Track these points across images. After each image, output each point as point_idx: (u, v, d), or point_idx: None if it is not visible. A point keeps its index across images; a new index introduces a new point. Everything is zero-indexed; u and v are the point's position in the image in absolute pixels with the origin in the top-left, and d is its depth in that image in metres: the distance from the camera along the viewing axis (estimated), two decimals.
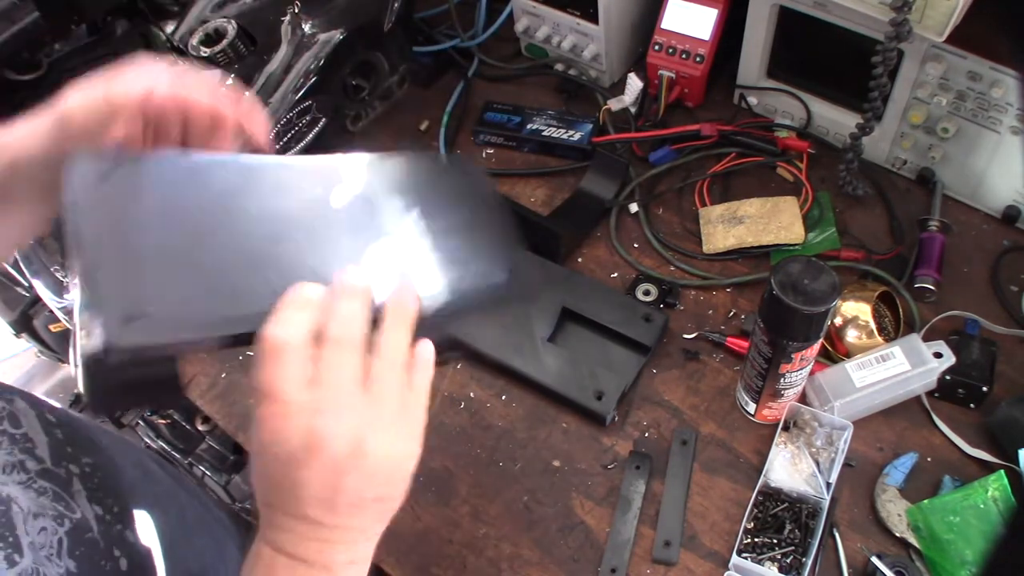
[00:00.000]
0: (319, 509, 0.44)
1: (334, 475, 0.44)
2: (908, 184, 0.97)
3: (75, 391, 1.81)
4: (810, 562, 0.72)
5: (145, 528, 0.60)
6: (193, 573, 0.65)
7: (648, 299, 0.90)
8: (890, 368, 0.78)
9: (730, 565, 0.73)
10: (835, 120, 0.98)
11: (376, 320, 0.46)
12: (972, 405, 0.80)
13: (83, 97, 0.52)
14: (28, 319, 1.39)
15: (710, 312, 0.90)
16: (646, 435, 0.83)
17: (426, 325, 0.48)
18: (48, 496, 0.53)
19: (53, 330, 1.48)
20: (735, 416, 0.83)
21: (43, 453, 0.55)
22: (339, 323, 0.44)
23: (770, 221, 0.92)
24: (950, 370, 0.78)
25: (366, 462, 0.44)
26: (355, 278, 0.45)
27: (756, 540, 0.74)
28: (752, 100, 1.04)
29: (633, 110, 1.03)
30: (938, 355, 0.77)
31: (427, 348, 0.48)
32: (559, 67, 1.13)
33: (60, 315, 0.91)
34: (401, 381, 0.46)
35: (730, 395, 0.84)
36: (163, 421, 1.35)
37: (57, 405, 0.62)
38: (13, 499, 0.50)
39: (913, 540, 0.73)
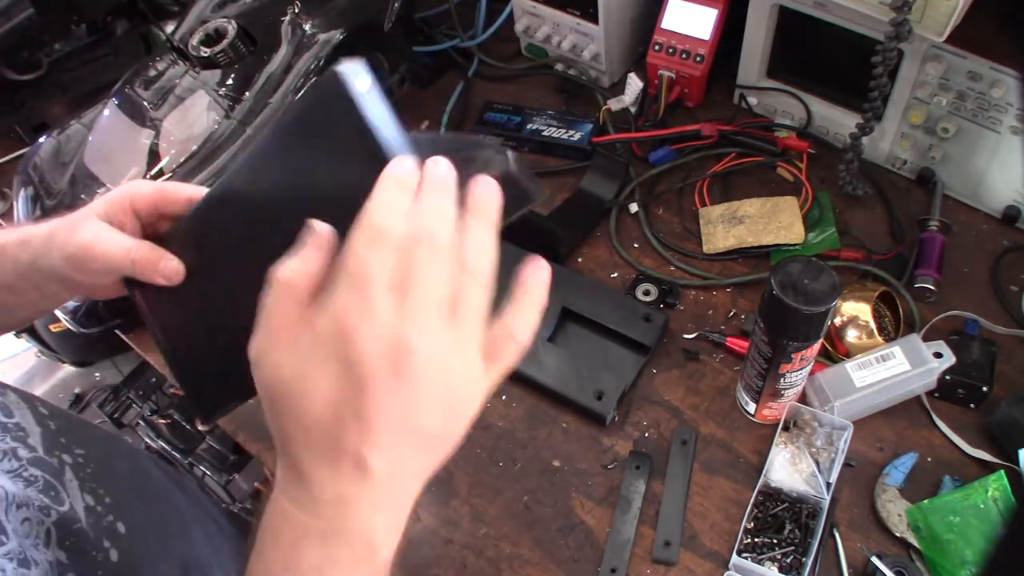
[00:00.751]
0: (383, 452, 0.38)
1: (415, 406, 0.38)
2: (908, 184, 0.97)
3: (75, 391, 1.81)
4: (810, 562, 0.72)
5: (137, 519, 0.60)
6: (187, 564, 0.65)
7: (648, 299, 0.90)
8: (890, 368, 0.78)
9: (730, 565, 0.73)
10: (835, 120, 0.98)
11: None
12: (972, 405, 0.80)
13: (104, 250, 0.56)
14: None
15: (710, 312, 0.90)
16: (646, 435, 0.83)
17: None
18: (38, 485, 0.52)
19: (53, 330, 1.48)
20: (735, 416, 0.83)
21: (35, 442, 0.55)
22: (432, 221, 0.38)
23: (770, 221, 0.92)
24: (950, 370, 0.78)
25: (451, 392, 0.39)
26: (444, 167, 0.40)
27: (756, 540, 0.74)
28: (752, 100, 1.04)
29: (633, 110, 1.03)
30: (938, 355, 0.77)
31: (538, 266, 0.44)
32: (559, 67, 1.13)
33: (60, 314, 0.91)
34: (487, 303, 0.40)
35: (730, 395, 0.84)
36: (163, 421, 1.36)
37: (49, 402, 0.63)
38: (3, 490, 0.49)
39: (913, 540, 0.73)
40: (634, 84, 1.01)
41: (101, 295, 0.63)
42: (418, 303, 0.37)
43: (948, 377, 0.78)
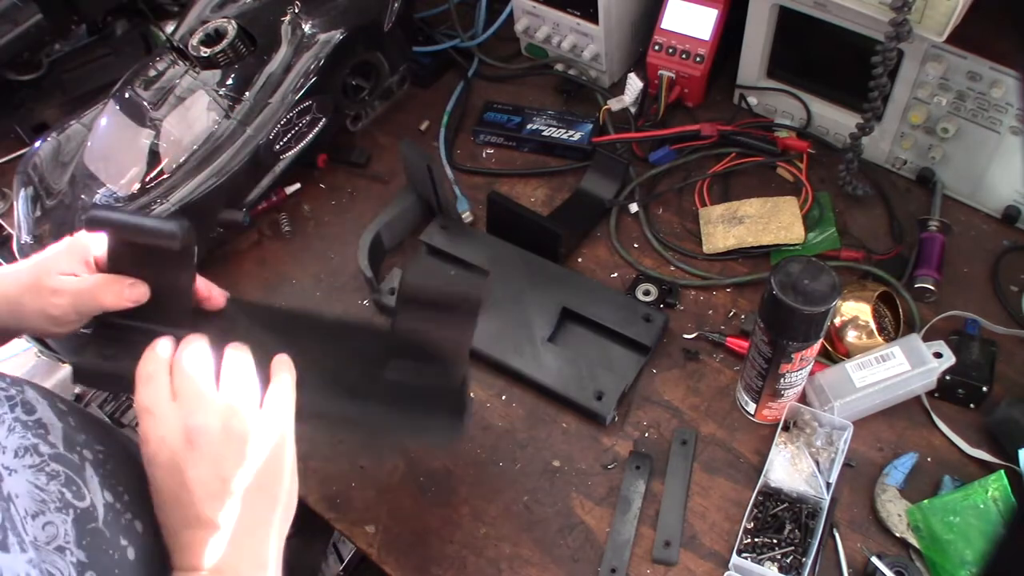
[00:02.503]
0: (212, 505, 0.52)
1: (215, 463, 0.53)
2: (908, 184, 0.97)
3: (75, 391, 1.81)
4: (810, 562, 0.72)
5: (154, 518, 0.60)
6: None
7: (648, 299, 0.90)
8: (890, 368, 0.78)
9: (730, 565, 0.73)
10: (835, 120, 0.98)
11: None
12: (972, 405, 0.80)
13: (70, 298, 0.63)
14: None
15: (710, 312, 0.90)
16: (646, 435, 0.83)
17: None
18: (60, 480, 0.53)
19: None
20: (735, 416, 0.83)
21: (56, 439, 0.55)
22: (188, 355, 0.56)
23: (770, 221, 0.92)
24: (950, 370, 0.78)
25: (241, 444, 0.54)
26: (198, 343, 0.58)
27: (756, 540, 0.74)
28: (752, 100, 1.04)
29: (633, 110, 1.03)
30: (938, 355, 0.77)
31: (279, 359, 0.60)
32: (559, 67, 1.13)
33: None
34: (251, 375, 0.57)
35: (730, 395, 0.84)
36: None
37: (67, 397, 0.63)
38: (14, 497, 0.50)
39: (913, 540, 0.73)
40: (634, 84, 1.01)
41: (61, 334, 0.67)
42: (189, 396, 0.55)
43: (948, 377, 0.78)
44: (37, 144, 0.98)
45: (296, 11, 0.97)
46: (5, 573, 0.45)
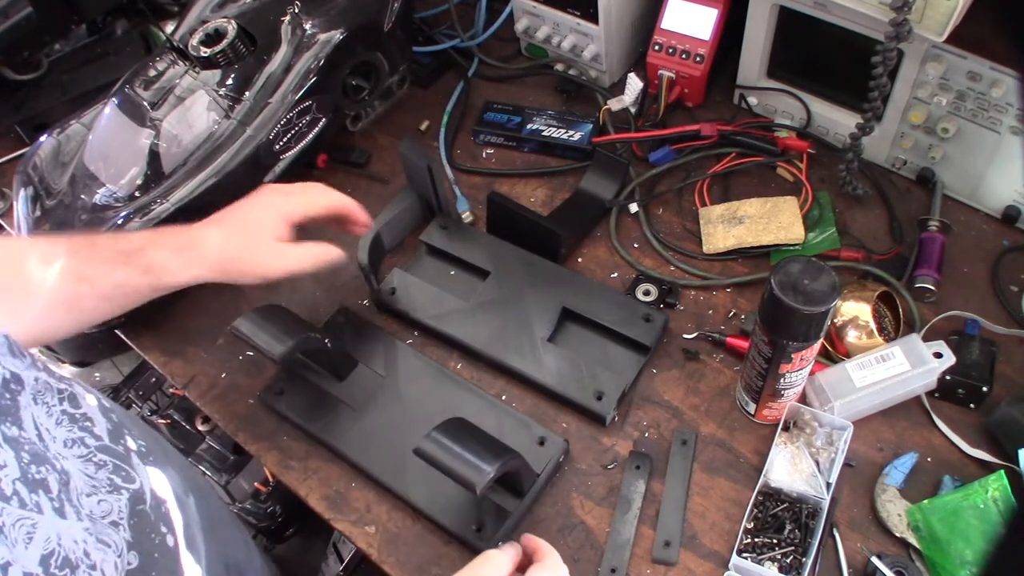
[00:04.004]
0: None
1: None
2: (908, 184, 0.97)
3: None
4: (810, 562, 0.72)
5: (189, 511, 0.61)
6: (228, 564, 0.66)
7: (648, 299, 0.90)
8: (890, 368, 0.78)
9: (730, 565, 0.74)
10: (835, 120, 0.98)
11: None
12: (972, 405, 0.80)
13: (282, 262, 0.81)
14: None
15: (710, 312, 0.90)
16: (646, 435, 0.83)
17: None
18: (108, 468, 0.54)
19: None
20: (735, 416, 0.83)
21: (101, 432, 0.56)
22: None
23: (770, 221, 0.92)
24: (950, 370, 0.78)
25: None
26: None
27: (756, 540, 0.74)
28: (752, 100, 1.04)
29: (633, 110, 1.03)
30: (938, 355, 0.77)
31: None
32: (559, 67, 1.13)
33: None
34: None
35: (730, 395, 0.84)
36: (163, 421, 1.35)
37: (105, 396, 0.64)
38: (71, 475, 0.51)
39: (913, 540, 0.73)
40: (634, 84, 1.01)
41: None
42: None
43: (948, 377, 0.78)
44: (37, 144, 0.98)
45: (296, 11, 0.97)
46: (64, 538, 0.46)
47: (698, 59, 1.01)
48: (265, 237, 0.79)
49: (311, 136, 0.98)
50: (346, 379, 0.87)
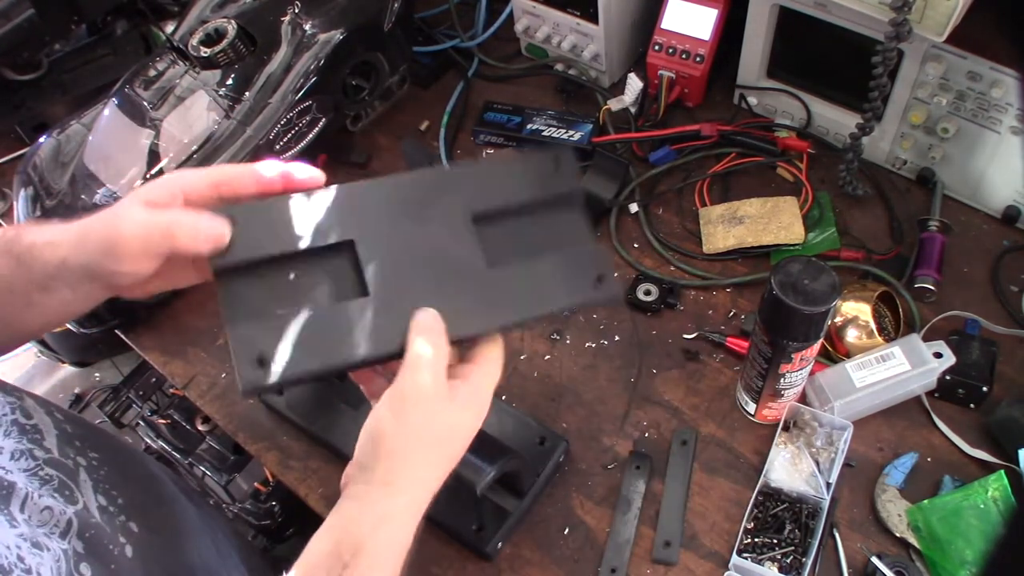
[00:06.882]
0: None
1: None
2: (908, 184, 0.97)
3: (75, 391, 1.81)
4: (810, 562, 0.72)
5: (150, 522, 0.61)
6: (195, 569, 0.66)
7: (648, 299, 0.90)
8: (890, 368, 0.78)
9: (730, 565, 0.73)
10: (835, 120, 0.98)
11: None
12: (972, 405, 0.80)
13: (141, 228, 0.53)
14: None
15: (710, 312, 0.90)
16: (646, 435, 0.83)
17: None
18: (53, 484, 0.54)
19: (53, 330, 1.48)
20: (735, 416, 0.83)
21: (51, 444, 0.56)
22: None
23: (770, 221, 0.92)
24: (950, 370, 0.78)
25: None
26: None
27: (756, 540, 0.74)
28: (752, 100, 1.04)
29: (633, 110, 1.03)
30: (938, 355, 0.77)
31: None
32: (559, 67, 1.13)
33: None
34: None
35: (730, 395, 0.84)
36: (163, 421, 1.35)
37: (67, 397, 0.64)
38: (16, 485, 0.51)
39: (913, 540, 0.73)
40: (634, 84, 1.01)
41: (137, 292, 0.58)
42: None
43: (948, 377, 0.78)
44: (37, 144, 0.98)
45: (296, 11, 0.97)
46: None
47: (698, 59, 1.01)
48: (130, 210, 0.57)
49: (311, 136, 0.98)
50: (346, 379, 0.87)
